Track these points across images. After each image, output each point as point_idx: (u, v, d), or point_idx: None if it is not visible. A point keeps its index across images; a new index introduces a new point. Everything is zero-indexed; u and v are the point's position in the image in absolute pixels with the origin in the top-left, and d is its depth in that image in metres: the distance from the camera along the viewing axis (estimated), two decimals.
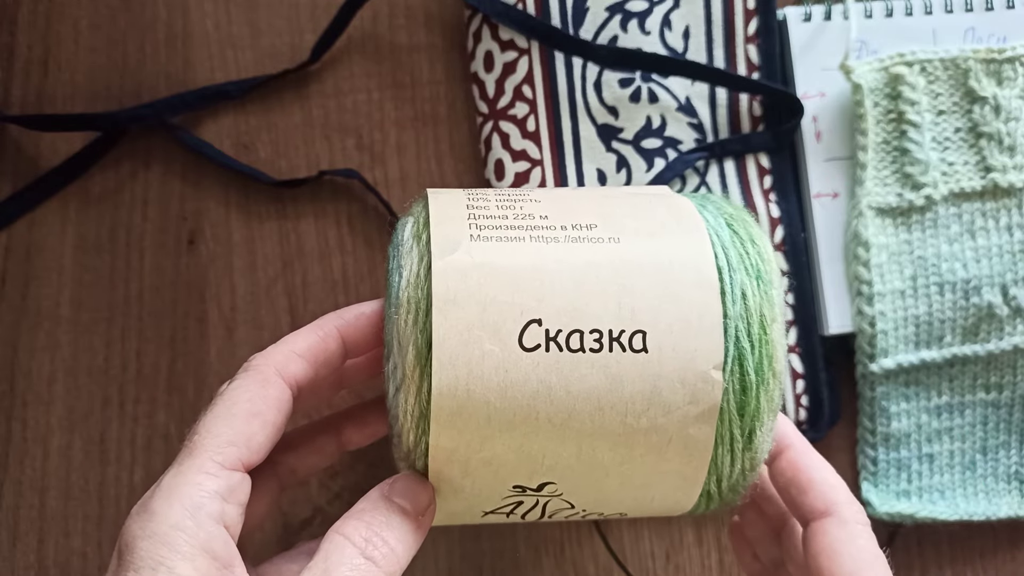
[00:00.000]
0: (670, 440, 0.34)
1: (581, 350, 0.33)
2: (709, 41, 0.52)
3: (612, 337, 0.33)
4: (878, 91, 0.51)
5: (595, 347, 0.33)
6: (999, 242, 0.50)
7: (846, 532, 0.37)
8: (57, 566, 0.51)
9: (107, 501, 0.51)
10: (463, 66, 0.53)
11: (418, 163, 0.53)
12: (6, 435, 0.51)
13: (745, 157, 0.52)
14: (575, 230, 0.35)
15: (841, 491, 0.38)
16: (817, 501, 0.38)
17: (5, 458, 0.51)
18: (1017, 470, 0.51)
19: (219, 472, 0.32)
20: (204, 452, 0.32)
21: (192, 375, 0.52)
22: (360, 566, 0.33)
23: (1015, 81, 0.50)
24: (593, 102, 0.51)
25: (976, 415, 0.51)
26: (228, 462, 0.33)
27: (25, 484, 0.51)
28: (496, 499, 0.37)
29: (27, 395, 0.51)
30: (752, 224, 0.37)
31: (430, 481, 0.35)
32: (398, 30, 0.53)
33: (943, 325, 0.50)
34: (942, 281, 0.50)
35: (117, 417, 0.51)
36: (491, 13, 0.51)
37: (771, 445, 0.37)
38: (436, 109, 0.53)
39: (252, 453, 0.33)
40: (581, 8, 0.51)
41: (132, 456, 0.51)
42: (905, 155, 0.51)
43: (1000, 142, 0.50)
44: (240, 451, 0.33)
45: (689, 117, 0.52)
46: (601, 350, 0.33)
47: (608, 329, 0.33)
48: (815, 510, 0.38)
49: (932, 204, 0.50)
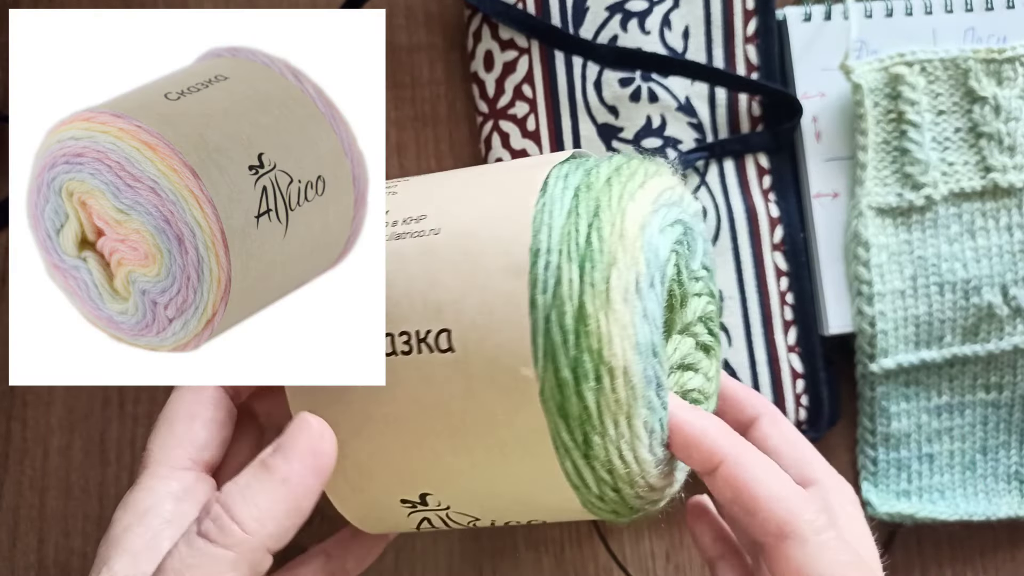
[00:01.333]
0: (505, 443, 0.32)
1: (395, 353, 0.32)
2: (708, 41, 0.52)
3: (419, 338, 0.31)
4: (878, 91, 0.51)
5: (405, 350, 0.32)
6: (999, 242, 0.50)
7: (808, 552, 0.32)
8: (57, 566, 0.51)
9: (107, 501, 0.51)
10: (463, 66, 0.53)
11: (418, 163, 0.53)
12: (6, 435, 0.51)
13: (745, 157, 0.52)
14: (404, 224, 0.33)
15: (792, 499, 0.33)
16: (768, 524, 0.32)
17: (5, 458, 0.51)
18: (1017, 470, 0.51)
19: (170, 474, 0.35)
20: (153, 460, 0.35)
21: None
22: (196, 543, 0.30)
23: (1015, 81, 0.50)
24: (593, 101, 0.51)
25: (976, 415, 0.51)
26: (178, 463, 0.35)
27: (25, 484, 0.51)
28: (398, 513, 0.36)
29: (27, 395, 0.51)
30: (623, 193, 0.32)
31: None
32: (398, 30, 0.53)
33: (943, 325, 0.50)
34: (942, 281, 0.50)
35: (117, 417, 0.51)
36: (491, 13, 0.51)
37: (659, 453, 0.32)
38: (436, 109, 0.53)
39: (200, 450, 0.36)
40: (581, 7, 0.51)
41: (132, 456, 0.51)
42: (905, 155, 0.51)
43: (1000, 142, 0.50)
44: (187, 450, 0.35)
45: (689, 117, 0.52)
46: (411, 352, 0.32)
47: (415, 330, 0.31)
48: (768, 534, 0.32)
49: (932, 204, 0.50)
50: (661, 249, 0.32)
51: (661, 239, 0.32)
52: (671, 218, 0.33)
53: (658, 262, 0.31)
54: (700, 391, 0.37)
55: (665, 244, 0.32)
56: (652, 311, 0.31)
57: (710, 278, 0.38)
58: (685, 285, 0.36)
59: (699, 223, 0.37)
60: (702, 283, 0.37)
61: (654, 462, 0.32)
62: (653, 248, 0.31)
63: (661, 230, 0.32)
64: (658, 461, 0.32)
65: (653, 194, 0.33)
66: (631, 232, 0.31)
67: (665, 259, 0.32)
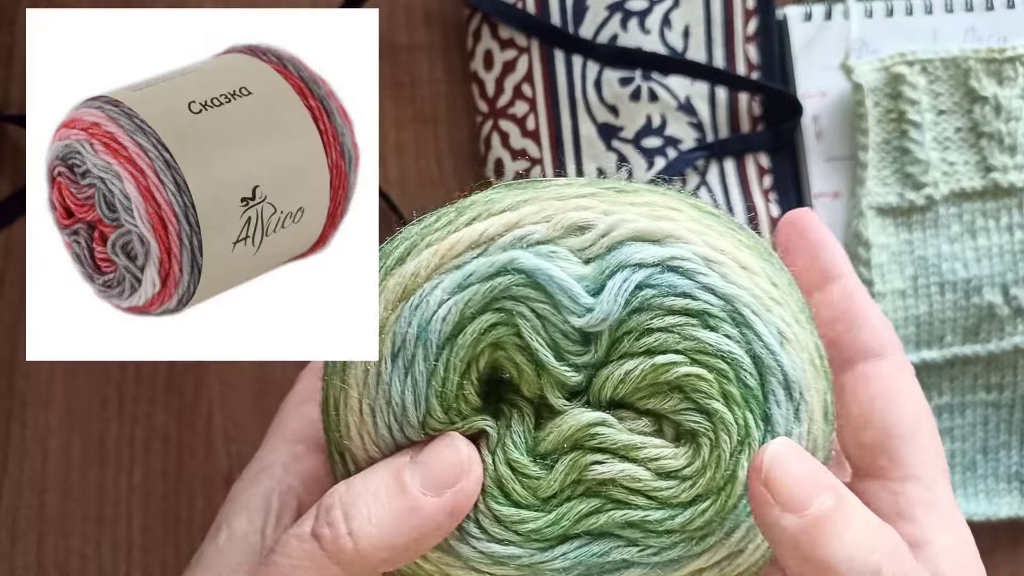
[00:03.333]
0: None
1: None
2: (709, 40, 0.52)
3: None
4: (879, 91, 0.51)
5: None
6: (1000, 242, 0.50)
7: (904, 376, 0.32)
8: (56, 566, 0.51)
9: (106, 501, 0.51)
10: (463, 65, 0.53)
11: (418, 162, 0.53)
12: (6, 435, 0.51)
13: (745, 156, 0.52)
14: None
15: (889, 329, 0.33)
16: (872, 339, 0.32)
17: (5, 458, 0.51)
18: (1018, 470, 0.51)
19: (280, 447, 0.37)
20: (269, 437, 0.37)
21: (191, 376, 0.52)
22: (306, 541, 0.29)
23: (1015, 81, 0.50)
24: (593, 101, 0.51)
25: (977, 415, 0.51)
26: (287, 436, 0.37)
27: (25, 484, 0.51)
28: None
29: (27, 395, 0.51)
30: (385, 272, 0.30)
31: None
32: (397, 29, 0.53)
33: (944, 325, 0.50)
34: (943, 281, 0.50)
35: (116, 417, 0.51)
36: (491, 12, 0.51)
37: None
38: (436, 108, 0.53)
39: (307, 425, 0.37)
40: (581, 7, 0.51)
41: (131, 456, 0.51)
42: (906, 155, 0.50)
43: (1001, 142, 0.50)
44: (296, 424, 0.37)
45: (689, 116, 0.52)
46: None
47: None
48: (868, 349, 0.32)
49: (933, 204, 0.50)
50: (436, 318, 0.28)
51: (437, 303, 0.29)
52: (481, 271, 0.29)
53: (427, 336, 0.28)
54: (626, 485, 0.29)
55: (446, 309, 0.29)
56: (398, 396, 0.29)
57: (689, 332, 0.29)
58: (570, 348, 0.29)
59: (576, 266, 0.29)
60: (661, 337, 0.29)
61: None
62: (417, 319, 0.29)
63: (449, 293, 0.29)
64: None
65: (440, 252, 0.29)
66: (382, 307, 0.29)
67: (441, 329, 0.29)
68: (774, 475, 0.27)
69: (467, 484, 0.28)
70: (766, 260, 0.30)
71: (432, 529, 0.28)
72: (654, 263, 0.28)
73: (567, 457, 0.29)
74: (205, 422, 0.51)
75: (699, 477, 0.29)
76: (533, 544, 0.29)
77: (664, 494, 0.29)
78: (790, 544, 0.27)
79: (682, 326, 0.28)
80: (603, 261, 0.29)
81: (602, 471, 0.29)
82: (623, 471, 0.29)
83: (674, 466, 0.29)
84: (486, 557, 0.29)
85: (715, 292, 0.29)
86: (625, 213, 0.29)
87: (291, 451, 0.36)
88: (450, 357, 0.28)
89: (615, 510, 0.29)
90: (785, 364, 0.29)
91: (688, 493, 0.29)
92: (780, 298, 0.30)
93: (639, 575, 0.29)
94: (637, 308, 0.28)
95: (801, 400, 0.29)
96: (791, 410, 0.29)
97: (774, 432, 0.29)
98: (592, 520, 0.29)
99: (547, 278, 0.28)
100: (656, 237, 0.29)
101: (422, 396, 0.29)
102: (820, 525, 0.26)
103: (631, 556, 0.29)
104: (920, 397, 0.32)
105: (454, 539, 0.29)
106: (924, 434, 0.33)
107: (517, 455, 0.29)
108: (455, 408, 0.29)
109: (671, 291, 0.28)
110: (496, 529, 0.29)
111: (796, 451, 0.27)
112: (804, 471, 0.27)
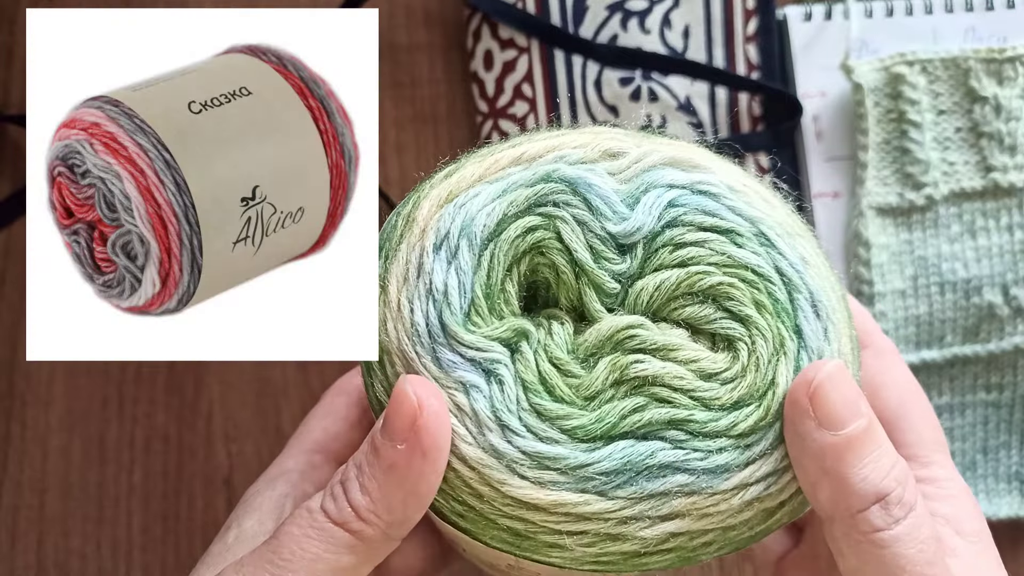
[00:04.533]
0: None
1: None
2: (709, 40, 0.52)
3: None
4: (879, 91, 0.51)
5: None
6: (1000, 242, 0.50)
7: (885, 362, 0.33)
8: (56, 566, 0.51)
9: (106, 501, 0.51)
10: (463, 65, 0.53)
11: (418, 162, 0.53)
12: (6, 435, 0.51)
13: (745, 157, 0.52)
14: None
15: (869, 319, 0.34)
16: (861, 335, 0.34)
17: (5, 458, 0.51)
18: (1018, 470, 0.51)
19: (298, 455, 0.38)
20: (290, 445, 0.39)
21: (191, 376, 0.52)
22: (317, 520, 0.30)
23: (1015, 81, 0.50)
24: (593, 100, 0.51)
25: (977, 415, 0.51)
26: (305, 446, 0.38)
27: (25, 484, 0.51)
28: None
29: (27, 395, 0.51)
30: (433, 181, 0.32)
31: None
32: (398, 29, 0.53)
33: (944, 325, 0.50)
34: (943, 281, 0.50)
35: (116, 417, 0.51)
36: (491, 12, 0.51)
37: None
38: (436, 108, 0.53)
39: (330, 439, 0.38)
40: (581, 7, 0.51)
41: (131, 456, 0.51)
42: (906, 155, 0.50)
43: (1001, 142, 0.50)
44: (315, 435, 0.38)
45: (689, 116, 0.52)
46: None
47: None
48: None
49: (933, 204, 0.50)
50: (481, 215, 0.30)
51: (481, 204, 0.30)
52: (524, 179, 0.30)
53: (470, 229, 0.30)
54: (667, 383, 0.29)
55: (491, 208, 0.30)
56: (440, 282, 0.29)
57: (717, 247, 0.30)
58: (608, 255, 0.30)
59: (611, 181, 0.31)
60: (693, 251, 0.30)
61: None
62: (461, 216, 0.30)
63: (493, 196, 0.30)
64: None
65: (484, 166, 0.31)
66: (426, 208, 0.30)
67: (486, 224, 0.30)
68: (823, 391, 0.28)
69: (426, 420, 0.28)
70: (783, 203, 0.32)
71: (416, 477, 0.28)
72: (684, 184, 0.30)
73: (607, 358, 0.29)
74: (205, 422, 0.51)
75: (740, 380, 0.29)
76: (578, 444, 0.29)
77: (706, 395, 0.29)
78: (816, 454, 0.28)
79: (712, 241, 0.30)
80: (637, 180, 0.30)
81: (643, 368, 0.29)
82: (665, 368, 0.29)
83: (714, 368, 0.29)
84: (528, 458, 0.29)
85: (741, 214, 0.30)
86: (656, 145, 0.31)
87: (309, 460, 0.37)
88: (495, 251, 0.30)
89: (659, 408, 0.29)
90: (810, 283, 0.30)
91: (730, 395, 0.29)
92: (799, 230, 0.31)
93: (685, 481, 0.28)
94: (669, 223, 0.30)
95: (828, 322, 0.30)
96: (820, 329, 0.30)
97: (807, 346, 0.30)
98: (636, 418, 0.29)
99: (587, 186, 0.30)
100: (685, 165, 0.31)
101: (468, 284, 0.29)
102: (849, 445, 0.28)
103: (677, 460, 0.29)
104: (907, 378, 0.33)
105: (496, 438, 0.29)
106: (914, 413, 0.34)
107: (559, 352, 0.30)
108: (496, 307, 0.30)
109: (701, 209, 0.30)
110: (541, 426, 0.29)
111: (846, 376, 0.29)
112: (848, 396, 0.28)
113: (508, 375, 0.29)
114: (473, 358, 0.29)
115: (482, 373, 0.29)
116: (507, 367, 0.29)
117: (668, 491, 0.28)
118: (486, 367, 0.29)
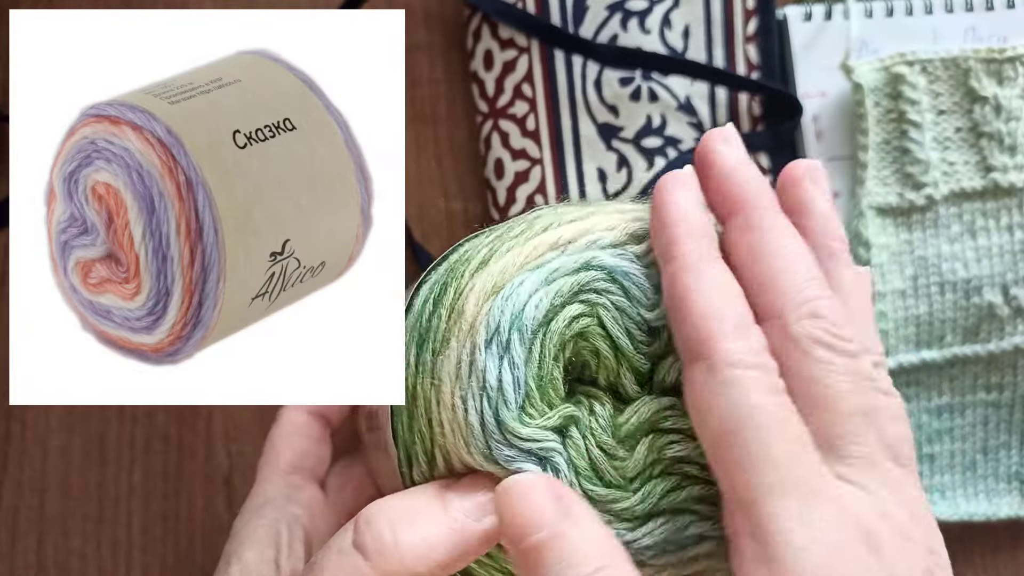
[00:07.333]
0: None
1: None
2: (709, 40, 0.52)
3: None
4: (879, 91, 0.51)
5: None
6: (1000, 242, 0.50)
7: (715, 382, 0.27)
8: (56, 566, 0.51)
9: (106, 501, 0.51)
10: (463, 65, 0.53)
11: (418, 163, 0.53)
12: (6, 435, 0.51)
13: None
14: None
15: (726, 319, 0.27)
16: (687, 339, 0.28)
17: (5, 458, 0.51)
18: (1018, 470, 0.51)
19: (274, 478, 0.38)
20: (259, 472, 0.39)
21: None
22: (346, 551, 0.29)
23: (1015, 81, 0.50)
24: (593, 100, 0.51)
25: (977, 415, 0.51)
26: (280, 467, 0.39)
27: (25, 484, 0.51)
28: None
29: None
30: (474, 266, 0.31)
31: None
32: None
33: (944, 325, 0.50)
34: (943, 281, 0.50)
35: (116, 417, 0.51)
36: (491, 12, 0.51)
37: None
38: (436, 108, 0.53)
39: (300, 457, 0.39)
40: (581, 6, 0.51)
41: (131, 456, 0.51)
42: (906, 155, 0.50)
43: (1001, 142, 0.50)
44: (286, 456, 0.39)
45: (689, 116, 0.52)
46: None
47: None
48: (685, 351, 0.28)
49: (933, 204, 0.50)
50: (529, 306, 0.30)
51: (527, 294, 0.30)
52: (566, 267, 0.31)
53: (520, 322, 0.30)
54: (696, 461, 0.30)
55: (538, 299, 0.30)
56: (494, 379, 0.29)
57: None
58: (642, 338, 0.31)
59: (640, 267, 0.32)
60: None
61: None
62: (510, 308, 0.30)
63: (537, 286, 0.30)
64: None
65: (524, 253, 0.31)
66: (473, 302, 0.30)
67: (535, 315, 0.30)
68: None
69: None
70: None
71: (471, 549, 0.29)
72: None
73: (646, 439, 0.31)
74: (205, 422, 0.51)
75: None
76: (624, 524, 0.30)
77: None
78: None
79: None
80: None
81: (679, 449, 0.31)
82: (697, 448, 0.30)
83: None
84: None
85: None
86: None
87: (289, 482, 0.38)
88: (544, 341, 0.30)
89: (692, 486, 0.31)
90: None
91: None
92: None
93: (711, 548, 0.30)
94: None
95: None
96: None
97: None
98: (673, 497, 0.30)
99: (624, 274, 0.31)
100: None
101: (521, 378, 0.30)
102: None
103: (704, 530, 0.31)
104: (740, 403, 0.27)
105: None
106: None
107: (606, 438, 0.31)
108: (547, 396, 0.30)
109: None
110: (592, 510, 0.30)
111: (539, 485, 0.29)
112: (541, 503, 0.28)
113: (563, 462, 0.30)
114: (529, 449, 0.30)
115: (537, 461, 0.30)
116: (561, 455, 0.30)
117: (696, 556, 0.31)
118: (541, 455, 0.30)
